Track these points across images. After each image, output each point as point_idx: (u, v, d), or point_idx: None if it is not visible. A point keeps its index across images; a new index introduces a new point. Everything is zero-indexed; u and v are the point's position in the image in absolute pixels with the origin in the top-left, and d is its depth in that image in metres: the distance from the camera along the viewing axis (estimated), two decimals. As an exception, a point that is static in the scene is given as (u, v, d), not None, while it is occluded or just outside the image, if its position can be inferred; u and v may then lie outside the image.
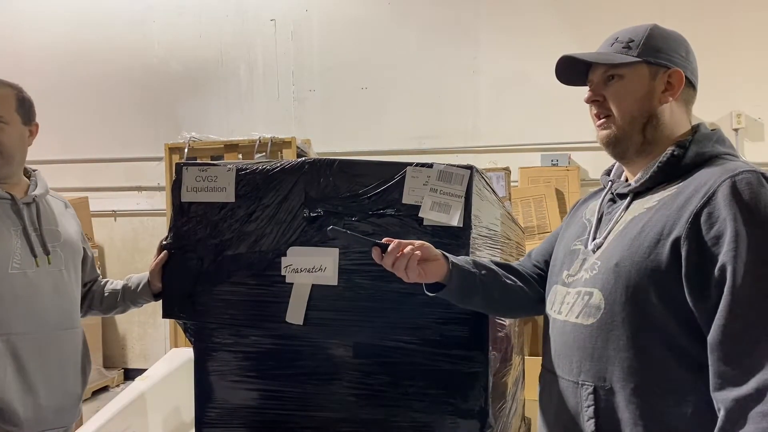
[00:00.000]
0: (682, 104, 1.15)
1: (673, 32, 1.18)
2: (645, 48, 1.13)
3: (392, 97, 4.21)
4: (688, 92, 1.15)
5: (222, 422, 1.56)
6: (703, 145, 1.08)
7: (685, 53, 1.15)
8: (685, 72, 1.13)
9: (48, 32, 4.69)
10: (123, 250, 4.69)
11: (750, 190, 0.94)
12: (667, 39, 1.15)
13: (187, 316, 1.55)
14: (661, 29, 1.17)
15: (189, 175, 1.54)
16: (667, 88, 1.12)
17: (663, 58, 1.12)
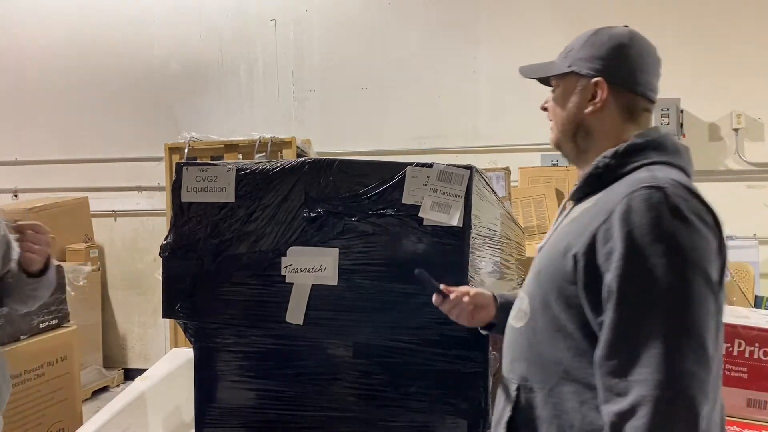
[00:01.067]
0: (620, 112, 1.08)
1: (614, 36, 1.10)
2: (575, 57, 1.12)
3: (392, 97, 4.20)
4: (627, 99, 1.08)
5: (222, 422, 1.56)
6: (629, 155, 1.03)
7: (619, 59, 1.08)
8: (613, 80, 1.08)
9: (48, 32, 4.69)
10: (123, 250, 4.69)
11: (644, 207, 0.90)
12: (600, 46, 1.10)
13: (187, 316, 1.55)
14: (600, 35, 1.12)
15: (189, 175, 1.54)
16: (593, 98, 1.09)
17: (589, 68, 1.09)
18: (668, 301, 0.87)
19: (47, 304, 2.91)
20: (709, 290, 0.89)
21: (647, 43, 1.11)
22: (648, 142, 1.04)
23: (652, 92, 1.10)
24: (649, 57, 1.10)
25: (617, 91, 1.08)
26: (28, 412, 2.66)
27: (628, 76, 1.08)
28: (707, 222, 0.92)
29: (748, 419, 1.47)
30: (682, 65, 3.97)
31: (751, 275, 2.95)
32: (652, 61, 1.11)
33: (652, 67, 1.10)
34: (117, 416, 1.86)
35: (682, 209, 0.90)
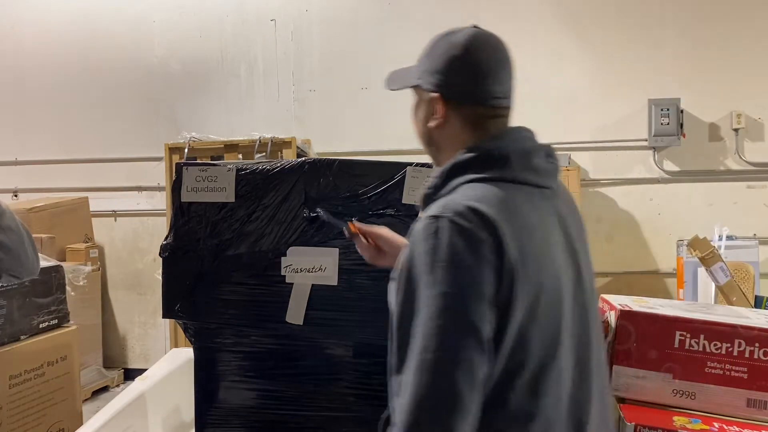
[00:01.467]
0: (462, 124, 1.05)
1: (450, 47, 1.06)
2: (421, 69, 1.10)
3: (392, 97, 4.17)
4: (468, 111, 1.05)
5: (222, 422, 1.56)
6: (453, 174, 1.01)
7: (453, 73, 1.05)
8: (450, 95, 1.04)
9: (48, 32, 4.69)
10: (123, 250, 4.69)
11: (420, 238, 0.92)
12: (438, 58, 1.07)
13: (187, 316, 1.55)
14: (439, 45, 1.09)
15: (189, 175, 1.54)
16: (434, 112, 1.07)
17: (429, 82, 1.07)
18: (421, 333, 0.89)
19: (47, 303, 2.91)
20: (465, 323, 0.88)
21: (487, 46, 1.05)
22: (473, 157, 1.00)
23: (495, 99, 1.05)
24: (488, 63, 1.04)
25: (455, 105, 1.05)
26: (28, 412, 2.66)
27: (464, 90, 1.04)
28: (479, 251, 0.89)
29: (748, 419, 1.47)
30: (682, 65, 3.97)
31: (751, 275, 2.95)
32: (493, 66, 1.04)
33: (491, 73, 1.04)
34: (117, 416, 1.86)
35: (453, 243, 0.89)
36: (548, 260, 0.96)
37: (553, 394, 0.94)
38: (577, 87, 4.02)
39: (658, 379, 1.52)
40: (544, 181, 1.03)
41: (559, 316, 0.95)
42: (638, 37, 4.00)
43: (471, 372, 0.87)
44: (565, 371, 0.96)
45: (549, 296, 0.94)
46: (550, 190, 1.04)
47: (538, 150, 1.06)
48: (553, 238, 0.99)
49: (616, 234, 4.06)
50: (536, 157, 1.04)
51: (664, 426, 1.42)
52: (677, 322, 1.52)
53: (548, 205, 1.01)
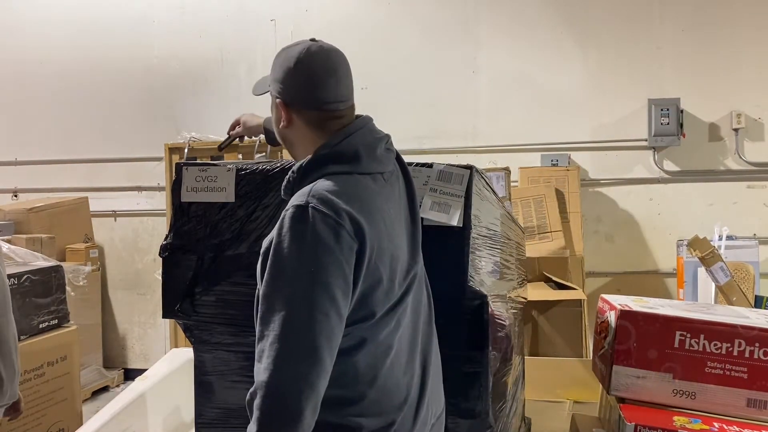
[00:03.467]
0: (306, 125, 1.19)
1: (286, 59, 1.21)
2: (271, 78, 1.24)
3: (392, 97, 4.20)
4: (308, 115, 1.18)
5: (222, 422, 1.56)
6: (310, 170, 1.14)
7: (289, 82, 1.19)
8: (290, 101, 1.19)
9: (48, 32, 4.69)
10: (123, 250, 4.69)
11: (288, 223, 1.04)
12: (279, 68, 1.22)
13: (187, 316, 1.55)
14: (281, 57, 1.24)
15: (189, 175, 1.54)
16: (280, 116, 1.21)
17: (275, 89, 1.22)
18: (289, 304, 1.01)
19: (47, 303, 2.92)
20: (323, 290, 1.01)
21: (319, 57, 1.20)
22: (328, 154, 1.14)
23: (329, 104, 1.18)
24: (317, 73, 1.19)
25: (296, 109, 1.19)
26: (28, 412, 2.66)
27: (300, 97, 1.18)
28: (340, 235, 1.03)
29: (748, 419, 1.47)
30: (682, 65, 3.98)
31: (751, 275, 2.95)
32: (322, 76, 1.19)
33: (322, 82, 1.18)
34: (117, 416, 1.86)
35: (318, 229, 1.02)
36: (393, 234, 1.14)
37: (395, 339, 1.14)
38: (577, 87, 4.02)
39: (658, 379, 1.52)
40: (385, 167, 1.20)
41: (395, 278, 1.13)
42: (638, 37, 4.00)
43: (330, 339, 1.01)
44: (404, 325, 1.16)
45: (395, 263, 1.13)
46: (390, 173, 1.22)
47: (380, 141, 1.22)
48: (394, 214, 1.18)
49: (616, 234, 4.06)
50: (378, 148, 1.20)
51: (664, 426, 1.42)
52: (677, 322, 1.52)
53: (389, 187, 1.20)
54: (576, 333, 2.88)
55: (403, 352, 1.17)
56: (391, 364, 1.14)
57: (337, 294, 1.02)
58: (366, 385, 1.12)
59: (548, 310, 2.89)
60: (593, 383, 1.95)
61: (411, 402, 1.16)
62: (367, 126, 1.23)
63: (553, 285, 3.19)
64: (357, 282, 1.06)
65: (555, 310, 2.90)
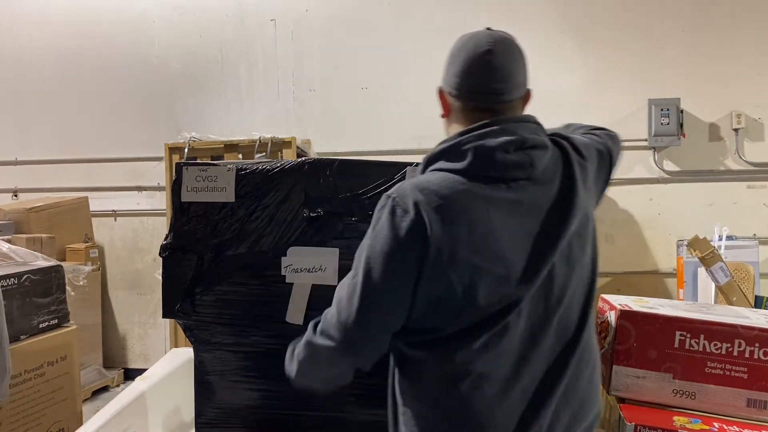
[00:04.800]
0: (456, 116, 1.18)
1: (458, 42, 1.19)
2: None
3: (392, 97, 4.20)
4: (455, 104, 1.17)
5: (222, 422, 1.56)
6: (427, 161, 1.16)
7: (446, 66, 1.19)
8: (444, 87, 1.19)
9: (47, 32, 4.69)
10: (123, 250, 4.69)
11: (378, 207, 1.11)
12: (448, 55, 1.20)
13: (187, 316, 1.55)
14: (456, 40, 1.20)
15: (189, 175, 1.54)
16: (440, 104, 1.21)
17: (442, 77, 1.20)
18: (350, 285, 1.11)
19: (47, 303, 2.92)
20: (370, 277, 1.07)
21: (465, 39, 1.17)
22: (442, 149, 1.13)
23: (449, 87, 1.17)
24: (454, 53, 1.17)
25: (445, 95, 1.20)
26: (28, 412, 2.66)
27: (449, 82, 1.18)
28: (399, 227, 1.05)
29: (748, 419, 1.47)
30: (682, 65, 3.97)
31: (751, 275, 2.95)
32: (455, 54, 1.16)
33: (452, 61, 1.17)
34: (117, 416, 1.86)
35: (391, 214, 1.07)
36: (487, 246, 1.05)
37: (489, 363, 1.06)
38: (577, 87, 4.02)
39: (658, 379, 1.52)
40: (509, 173, 1.09)
41: (477, 294, 1.05)
42: (638, 37, 4.00)
43: (381, 318, 1.08)
44: (501, 353, 1.07)
45: (479, 278, 1.04)
46: (522, 180, 1.10)
47: (506, 144, 1.09)
48: (506, 225, 1.07)
49: (616, 234, 4.06)
50: (498, 152, 1.09)
51: (664, 426, 1.42)
52: (677, 322, 1.52)
53: (513, 195, 1.08)
54: (576, 333, 2.87)
55: (496, 381, 1.07)
56: (467, 390, 1.06)
57: (385, 285, 1.06)
58: (426, 404, 1.10)
59: (548, 310, 2.89)
60: (593, 383, 1.94)
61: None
62: (494, 125, 1.11)
63: (553, 285, 3.18)
64: (418, 283, 1.06)
65: (555, 310, 2.89)
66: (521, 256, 1.07)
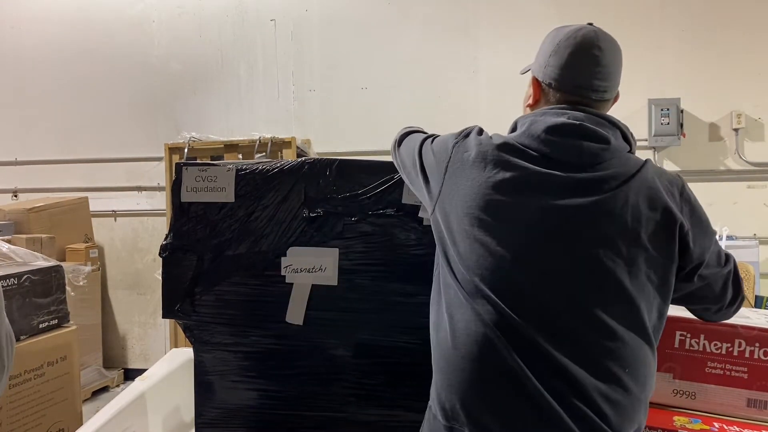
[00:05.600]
0: (542, 105, 1.24)
1: (559, 33, 1.23)
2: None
3: (392, 97, 4.20)
4: (550, 95, 1.23)
5: (222, 422, 1.56)
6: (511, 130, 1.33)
7: (544, 56, 1.24)
8: (535, 73, 1.26)
9: (47, 32, 4.69)
10: (123, 250, 4.69)
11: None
12: (543, 42, 1.26)
13: (187, 316, 1.55)
14: (554, 31, 1.25)
15: (189, 175, 1.54)
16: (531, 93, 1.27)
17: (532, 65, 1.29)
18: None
19: (47, 303, 2.91)
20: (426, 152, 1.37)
21: (568, 31, 1.21)
22: (514, 123, 1.28)
23: (548, 78, 1.23)
24: (557, 43, 1.21)
25: (538, 83, 1.27)
26: (28, 412, 2.66)
27: (541, 68, 1.26)
28: (444, 151, 1.33)
29: (748, 419, 1.46)
30: (682, 65, 3.97)
31: (751, 275, 2.95)
32: (559, 45, 1.21)
33: (554, 51, 1.22)
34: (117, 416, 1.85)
35: (459, 136, 1.37)
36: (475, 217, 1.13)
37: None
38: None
39: (658, 379, 1.52)
40: (553, 152, 1.14)
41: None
42: (638, 37, 3.99)
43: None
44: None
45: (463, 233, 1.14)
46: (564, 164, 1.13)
47: (561, 126, 1.16)
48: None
49: (616, 234, 4.06)
50: (551, 130, 1.15)
51: (664, 426, 1.42)
52: (677, 322, 1.52)
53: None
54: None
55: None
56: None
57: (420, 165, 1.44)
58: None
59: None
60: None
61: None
62: (572, 113, 1.16)
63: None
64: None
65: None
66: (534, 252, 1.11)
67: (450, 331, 1.13)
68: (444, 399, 1.12)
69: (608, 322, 1.06)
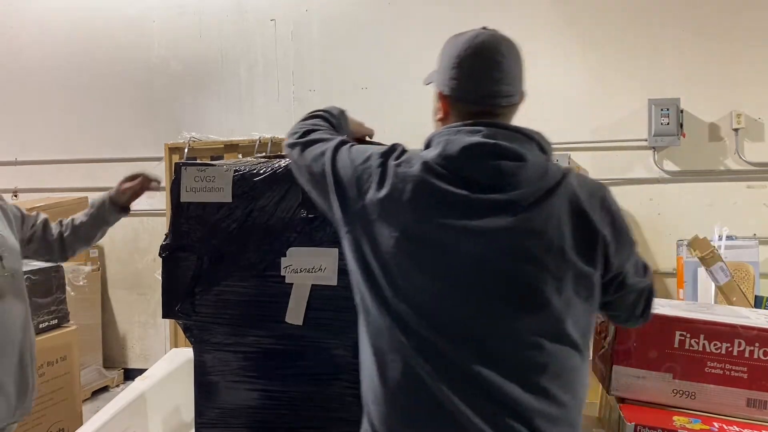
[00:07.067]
0: (454, 120, 1.19)
1: (453, 42, 1.20)
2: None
3: (392, 97, 4.20)
4: (454, 107, 1.21)
5: (222, 422, 1.56)
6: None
7: (441, 67, 1.22)
8: (440, 87, 1.23)
9: (47, 32, 4.69)
10: (123, 250, 4.69)
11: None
12: (441, 53, 1.22)
13: (187, 316, 1.55)
14: (451, 39, 1.21)
15: (188, 175, 1.54)
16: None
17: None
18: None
19: (47, 303, 2.92)
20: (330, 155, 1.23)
21: (462, 38, 1.19)
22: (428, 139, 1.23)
23: (448, 89, 1.19)
24: (451, 53, 1.19)
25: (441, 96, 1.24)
26: (28, 412, 2.66)
27: (440, 79, 1.23)
28: (374, 163, 1.18)
29: (748, 419, 1.46)
30: (682, 65, 3.97)
31: (751, 275, 2.95)
32: (453, 55, 1.18)
33: (449, 62, 1.19)
34: (117, 416, 1.86)
35: (382, 154, 1.22)
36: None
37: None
38: (577, 87, 4.02)
39: (658, 379, 1.52)
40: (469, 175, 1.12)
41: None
42: (638, 37, 3.99)
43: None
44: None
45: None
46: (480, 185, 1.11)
47: (476, 146, 1.14)
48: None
49: (616, 234, 4.06)
50: (466, 152, 1.13)
51: (664, 426, 1.42)
52: (677, 322, 1.52)
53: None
54: (576, 333, 2.87)
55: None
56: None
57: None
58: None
59: (548, 310, 2.89)
60: (593, 383, 1.94)
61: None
62: (486, 130, 1.16)
63: (553, 285, 3.18)
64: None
65: (555, 310, 2.89)
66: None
67: (376, 362, 1.11)
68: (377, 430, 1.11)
69: (537, 341, 1.05)
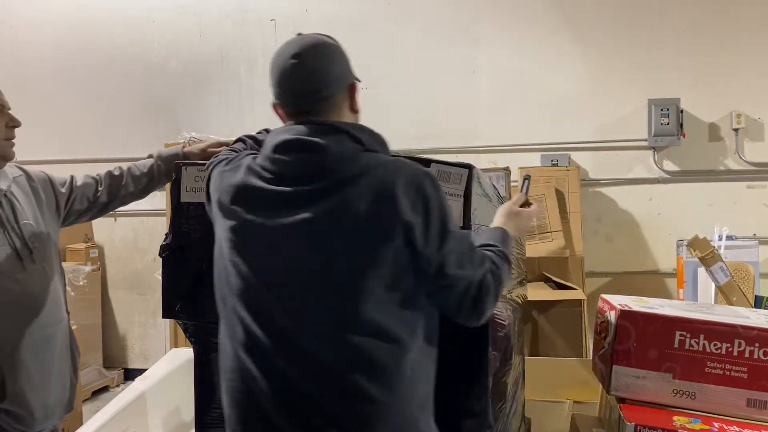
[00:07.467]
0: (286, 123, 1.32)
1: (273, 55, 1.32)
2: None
3: (392, 97, 4.19)
4: (282, 112, 1.36)
5: (222, 422, 1.56)
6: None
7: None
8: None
9: (47, 32, 4.68)
10: (123, 250, 4.69)
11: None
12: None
13: (187, 316, 1.55)
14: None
15: (188, 175, 1.54)
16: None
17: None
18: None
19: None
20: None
21: (277, 50, 1.30)
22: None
23: (274, 98, 1.31)
24: (270, 65, 1.29)
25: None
26: (28, 412, 2.65)
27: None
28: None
29: (748, 419, 1.46)
30: (682, 65, 3.97)
31: (751, 275, 2.95)
32: (270, 66, 1.30)
33: (270, 73, 1.30)
34: (117, 416, 1.86)
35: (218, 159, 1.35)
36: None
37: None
38: (577, 87, 4.02)
39: (658, 379, 1.52)
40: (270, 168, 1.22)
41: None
42: (638, 37, 4.00)
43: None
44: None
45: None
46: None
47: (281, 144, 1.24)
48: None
49: (616, 234, 4.06)
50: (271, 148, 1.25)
51: (664, 426, 1.42)
52: (677, 322, 1.52)
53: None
54: (576, 333, 2.88)
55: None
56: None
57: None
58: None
59: (548, 310, 2.89)
60: (593, 383, 1.94)
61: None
62: (290, 128, 1.27)
63: (553, 285, 3.19)
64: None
65: (555, 310, 2.90)
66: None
67: (221, 350, 1.20)
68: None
69: (348, 337, 1.06)
